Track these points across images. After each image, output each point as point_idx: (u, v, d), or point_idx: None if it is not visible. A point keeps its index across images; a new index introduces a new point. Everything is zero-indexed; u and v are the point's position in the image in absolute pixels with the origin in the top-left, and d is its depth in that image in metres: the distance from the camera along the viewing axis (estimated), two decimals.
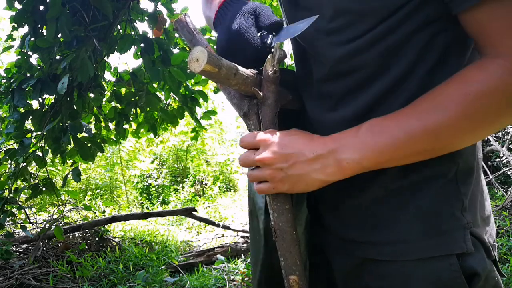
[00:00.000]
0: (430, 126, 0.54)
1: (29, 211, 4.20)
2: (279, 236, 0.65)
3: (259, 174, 0.63)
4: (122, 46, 2.32)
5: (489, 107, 0.52)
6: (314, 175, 0.60)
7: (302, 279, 0.65)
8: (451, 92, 0.53)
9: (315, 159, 0.59)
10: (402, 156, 0.57)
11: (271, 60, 0.64)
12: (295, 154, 0.60)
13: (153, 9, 2.52)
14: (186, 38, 0.77)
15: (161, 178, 7.11)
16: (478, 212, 0.65)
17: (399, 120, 0.56)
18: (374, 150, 0.56)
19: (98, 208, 4.84)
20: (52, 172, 4.71)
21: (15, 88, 2.25)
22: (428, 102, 0.55)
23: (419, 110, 0.55)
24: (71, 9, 2.20)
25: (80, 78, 2.09)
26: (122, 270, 3.23)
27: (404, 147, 0.55)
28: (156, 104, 2.74)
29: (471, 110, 0.52)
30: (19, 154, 2.30)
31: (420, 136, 0.54)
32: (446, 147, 0.56)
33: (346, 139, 0.59)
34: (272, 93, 0.64)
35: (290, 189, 0.62)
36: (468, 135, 0.55)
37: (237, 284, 3.04)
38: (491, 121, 0.54)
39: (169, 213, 4.52)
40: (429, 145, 0.55)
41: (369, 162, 0.57)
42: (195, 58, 0.56)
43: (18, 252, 3.43)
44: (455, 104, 0.53)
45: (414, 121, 0.55)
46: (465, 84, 0.53)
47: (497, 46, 0.52)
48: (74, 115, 2.47)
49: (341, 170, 0.58)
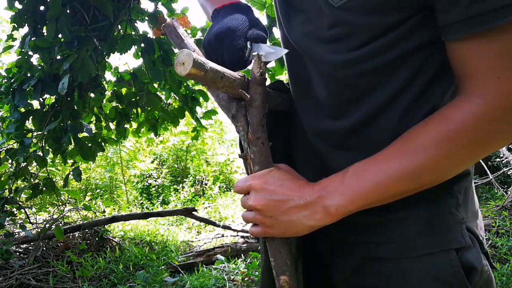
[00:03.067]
0: (411, 169, 0.56)
1: (29, 211, 4.20)
2: (269, 237, 0.66)
3: (251, 218, 0.64)
4: (122, 46, 2.33)
5: (467, 145, 0.54)
6: (304, 221, 0.61)
7: (292, 279, 0.65)
8: (429, 133, 0.56)
9: (304, 206, 0.61)
10: (388, 196, 0.59)
11: (258, 62, 0.64)
12: (285, 200, 0.61)
13: (154, 9, 2.52)
14: (175, 42, 0.78)
15: (161, 178, 7.11)
16: (470, 207, 0.67)
17: (381, 164, 0.58)
18: (361, 195, 0.59)
19: (98, 208, 4.83)
20: (52, 172, 4.71)
21: (16, 88, 2.25)
22: (409, 143, 0.57)
23: (400, 152, 0.58)
24: (71, 9, 2.20)
25: (80, 78, 2.09)
26: (122, 270, 3.23)
27: (388, 190, 0.58)
28: (157, 104, 2.75)
29: (449, 150, 0.54)
30: (19, 153, 2.30)
31: (402, 178, 0.57)
32: (431, 183, 0.59)
33: (333, 186, 0.61)
34: (260, 94, 0.65)
35: (281, 234, 0.64)
36: (449, 171, 0.58)
37: (237, 284, 3.04)
38: (470, 157, 0.57)
39: (169, 213, 4.52)
40: (412, 185, 0.58)
41: (356, 206, 0.59)
42: (181, 62, 0.57)
43: (18, 252, 3.43)
44: (434, 145, 0.55)
45: (396, 165, 0.57)
46: (443, 124, 0.55)
47: (476, 84, 0.53)
48: (74, 115, 2.47)
49: (330, 216, 0.60)
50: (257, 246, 3.86)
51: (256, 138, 0.66)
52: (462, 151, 0.55)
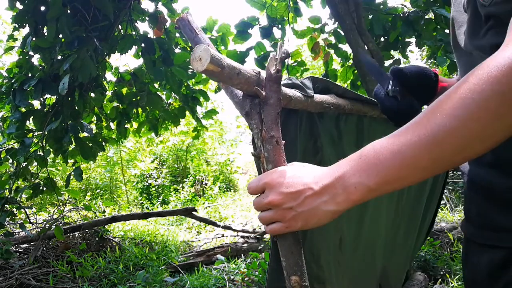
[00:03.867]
0: (432, 134, 0.50)
1: (29, 211, 4.20)
2: (281, 236, 0.64)
3: (269, 216, 0.62)
4: (123, 46, 2.33)
5: (494, 98, 0.47)
6: (324, 207, 0.58)
7: (303, 279, 0.64)
8: (452, 94, 0.50)
9: (322, 191, 0.58)
10: (410, 170, 0.53)
11: (274, 59, 0.63)
12: (301, 190, 0.59)
13: (154, 9, 2.52)
14: (188, 37, 0.75)
15: (161, 178, 7.11)
16: None
17: (400, 134, 0.53)
18: (378, 168, 0.54)
19: (98, 208, 4.83)
20: (51, 172, 4.71)
21: (17, 89, 2.25)
22: (430, 110, 0.52)
23: (420, 120, 0.52)
24: (72, 10, 2.20)
25: (81, 78, 2.09)
26: (122, 270, 3.23)
27: (408, 160, 0.52)
28: (159, 104, 2.75)
29: (472, 107, 0.48)
30: (20, 153, 2.30)
31: (422, 145, 0.51)
32: (458, 153, 0.51)
33: (350, 164, 0.57)
34: (275, 92, 0.64)
35: (304, 226, 0.61)
36: (478, 137, 0.49)
37: (237, 284, 3.04)
38: (501, 117, 0.47)
39: (169, 213, 4.53)
40: (435, 153, 0.50)
41: (374, 181, 0.54)
42: (198, 57, 0.55)
43: (18, 252, 3.43)
44: (455, 105, 0.49)
45: (416, 132, 0.51)
46: (469, 79, 0.49)
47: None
48: (75, 115, 2.47)
49: (351, 197, 0.56)
50: (257, 246, 3.86)
51: (270, 136, 0.64)
52: (488, 105, 0.47)
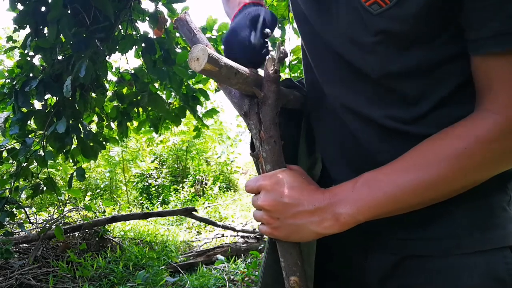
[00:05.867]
0: (423, 183, 0.55)
1: (29, 211, 4.20)
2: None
3: (259, 216, 0.64)
4: (123, 47, 2.33)
5: (482, 162, 0.54)
6: (311, 227, 0.60)
7: (302, 280, 0.64)
8: (444, 149, 0.55)
9: (313, 212, 0.60)
10: (397, 209, 0.58)
11: (272, 59, 0.63)
12: (294, 204, 0.60)
13: (154, 9, 2.53)
14: (186, 37, 0.75)
15: (161, 178, 7.11)
16: None
17: (393, 176, 0.58)
18: (370, 206, 0.58)
19: (98, 208, 4.83)
20: (52, 172, 4.71)
21: (19, 90, 2.25)
22: (423, 157, 0.57)
23: (413, 165, 0.57)
24: (72, 10, 2.20)
25: (82, 79, 2.09)
26: (122, 270, 3.23)
27: (398, 202, 0.57)
28: (161, 104, 2.74)
29: (464, 166, 0.54)
30: (21, 153, 2.30)
31: (413, 191, 0.56)
32: (443, 198, 0.58)
33: (343, 194, 0.60)
34: (273, 92, 0.64)
35: (285, 237, 0.63)
36: (462, 187, 0.57)
37: (237, 284, 3.04)
38: (485, 173, 0.56)
39: (169, 213, 4.53)
40: (422, 199, 0.57)
41: (364, 216, 0.58)
42: (195, 57, 0.55)
43: (18, 252, 3.43)
44: (448, 162, 0.54)
45: (408, 178, 0.56)
46: (459, 140, 0.54)
47: (496, 99, 0.53)
48: (76, 115, 2.48)
49: (338, 224, 0.59)
50: (257, 246, 3.86)
51: (269, 137, 0.64)
52: (477, 167, 0.54)
